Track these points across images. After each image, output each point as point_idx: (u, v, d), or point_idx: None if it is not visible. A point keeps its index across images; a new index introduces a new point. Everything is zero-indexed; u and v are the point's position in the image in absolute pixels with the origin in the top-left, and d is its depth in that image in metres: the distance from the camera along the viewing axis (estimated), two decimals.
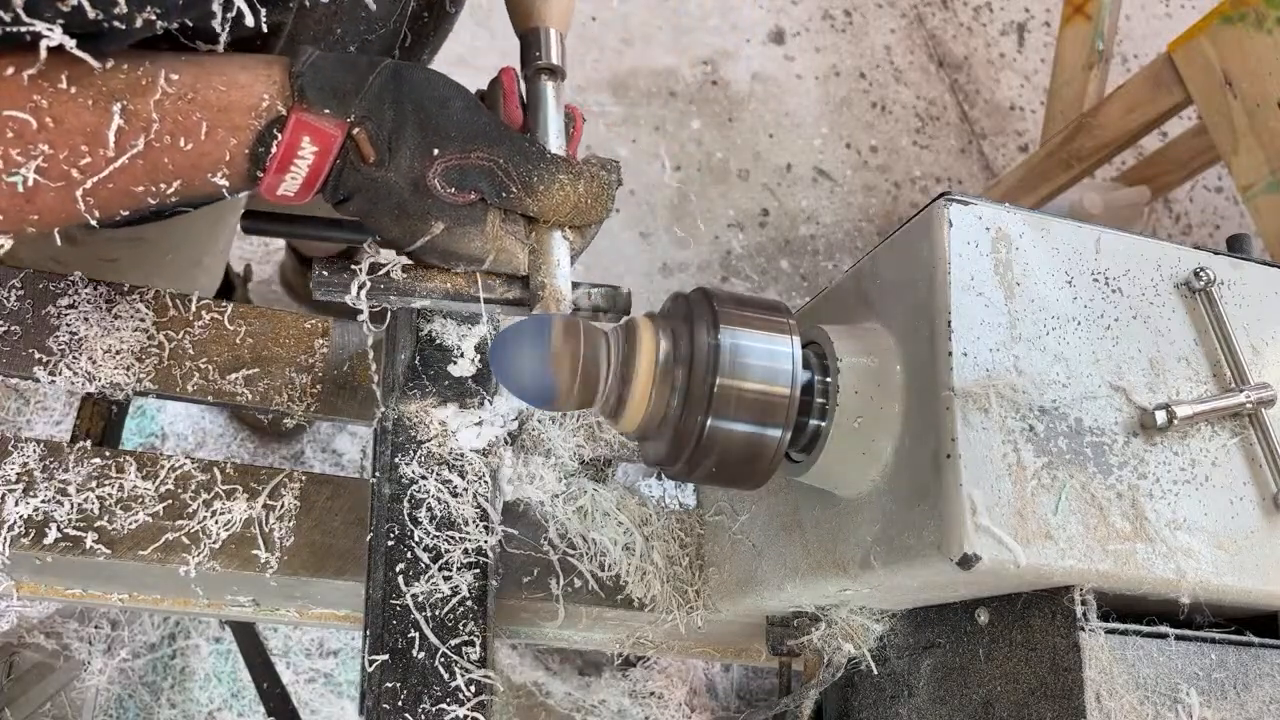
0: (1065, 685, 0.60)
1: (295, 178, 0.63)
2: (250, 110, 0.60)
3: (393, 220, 0.66)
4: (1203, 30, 1.73)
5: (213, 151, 0.60)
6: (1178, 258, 0.71)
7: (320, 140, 0.61)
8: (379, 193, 0.64)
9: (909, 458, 0.63)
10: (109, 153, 0.57)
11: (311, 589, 0.88)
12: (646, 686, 1.29)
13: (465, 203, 0.65)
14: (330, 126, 0.61)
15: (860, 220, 2.48)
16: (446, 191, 0.64)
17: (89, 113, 0.56)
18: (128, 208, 0.62)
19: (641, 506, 0.92)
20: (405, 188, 0.64)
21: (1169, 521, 0.63)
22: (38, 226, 0.60)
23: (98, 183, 0.58)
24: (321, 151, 0.62)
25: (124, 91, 0.57)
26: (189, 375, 0.90)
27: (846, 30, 2.73)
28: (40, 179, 0.56)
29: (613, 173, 0.70)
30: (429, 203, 0.65)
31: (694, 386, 0.60)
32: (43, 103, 0.55)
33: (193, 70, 0.60)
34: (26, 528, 0.80)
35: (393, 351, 0.88)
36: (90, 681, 1.54)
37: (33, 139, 0.55)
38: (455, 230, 0.67)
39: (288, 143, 0.61)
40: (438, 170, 0.63)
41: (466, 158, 0.64)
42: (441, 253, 0.68)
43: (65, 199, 0.58)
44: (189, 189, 0.62)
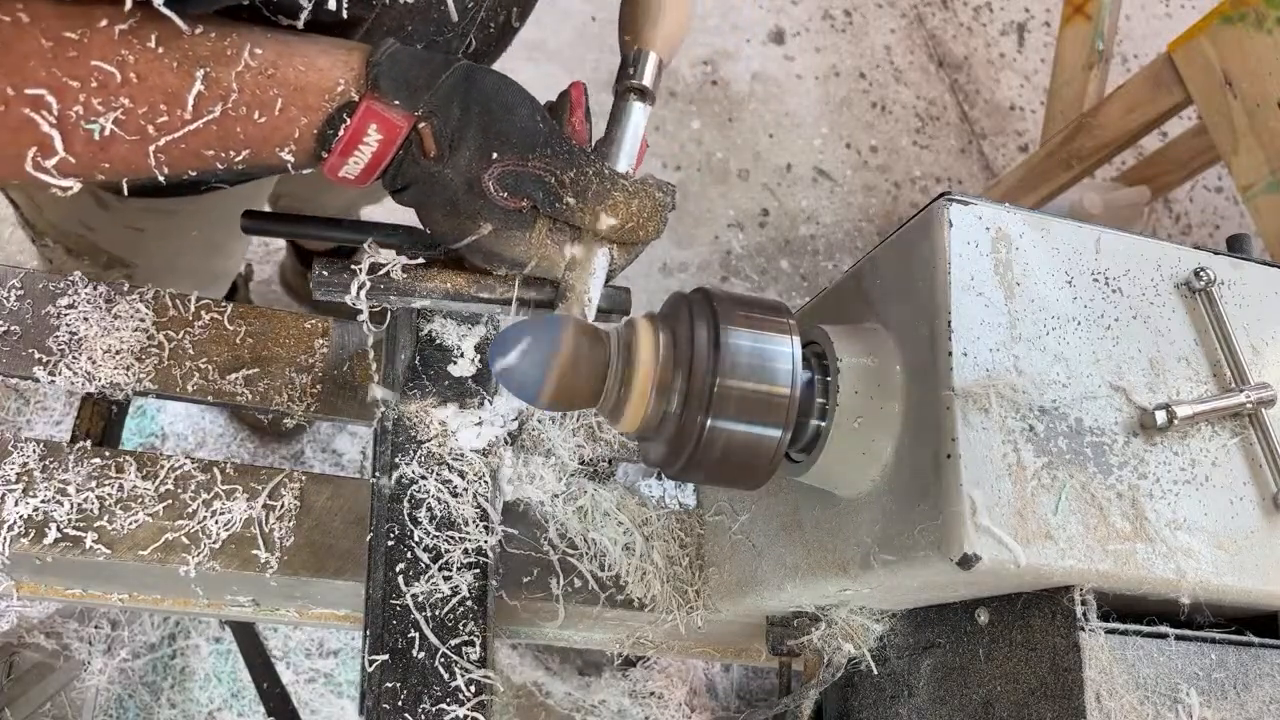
0: (1065, 685, 0.60)
1: (358, 162, 0.64)
2: (325, 93, 0.62)
3: (443, 215, 0.67)
4: (1203, 30, 1.73)
5: (283, 128, 0.62)
6: (1178, 258, 0.71)
7: (386, 129, 0.63)
8: (434, 187, 0.66)
9: (909, 458, 0.63)
10: (185, 115, 0.60)
11: (311, 589, 0.88)
12: (646, 686, 1.29)
13: (516, 208, 0.66)
14: (398, 117, 0.63)
15: (860, 220, 2.48)
16: (499, 195, 0.65)
17: (172, 74, 0.59)
18: (196, 169, 0.64)
19: (641, 506, 0.92)
20: (460, 186, 0.65)
21: (1169, 521, 0.63)
22: (107, 175, 0.62)
23: (170, 141, 0.60)
24: (386, 140, 0.63)
25: (209, 59, 0.59)
26: (189, 375, 0.90)
27: (846, 30, 2.73)
28: (117, 130, 0.59)
29: (668, 195, 0.70)
30: (480, 204, 0.66)
31: (694, 386, 0.60)
32: (129, 58, 0.57)
33: (276, 47, 0.62)
34: (26, 528, 0.80)
35: (393, 351, 0.88)
36: (90, 681, 1.54)
37: (115, 91, 0.57)
38: (502, 233, 0.67)
39: (355, 128, 0.63)
40: (494, 174, 0.65)
41: (524, 165, 0.65)
42: (485, 253, 0.69)
43: (138, 153, 0.60)
44: (256, 159, 0.64)
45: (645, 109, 0.73)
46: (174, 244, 1.09)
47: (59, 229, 1.07)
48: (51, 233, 1.08)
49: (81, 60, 0.56)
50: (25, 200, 1.06)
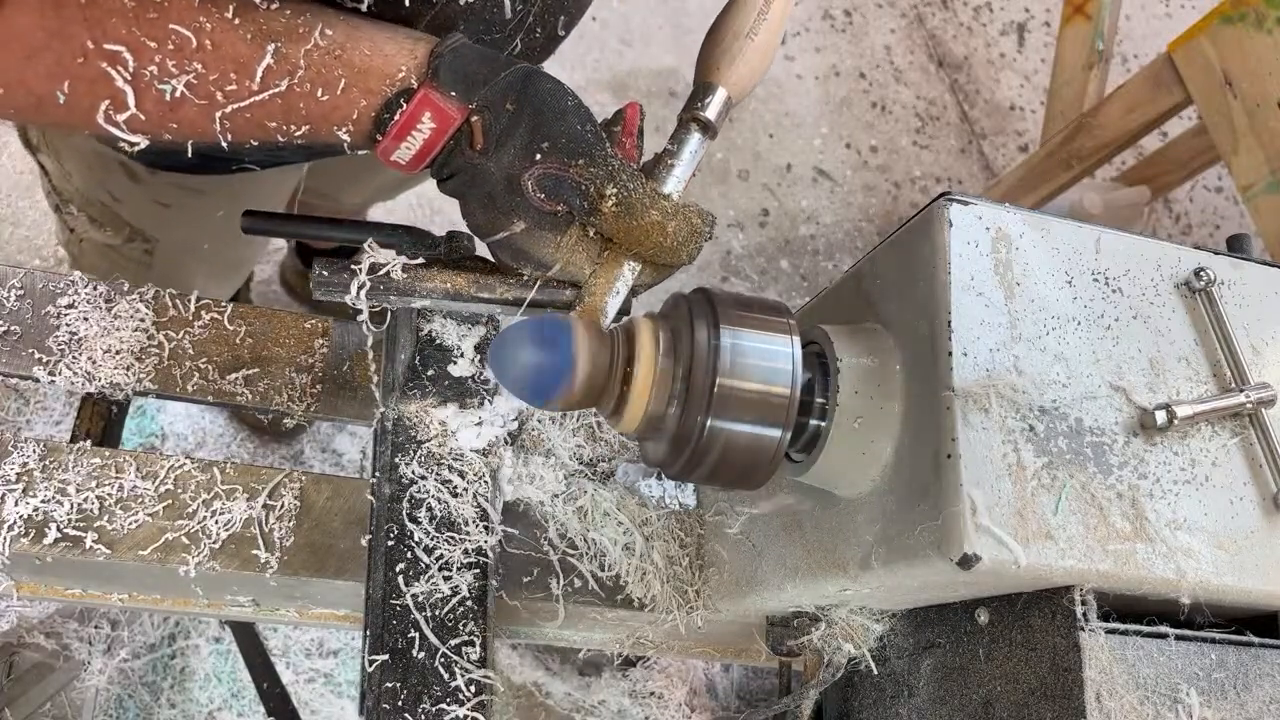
0: (1065, 685, 0.60)
1: (410, 148, 0.66)
2: (387, 78, 0.64)
3: (480, 207, 0.68)
4: (1203, 30, 1.73)
5: (344, 107, 0.64)
6: (1178, 258, 0.71)
7: (440, 119, 0.65)
8: (476, 178, 0.67)
9: (909, 458, 0.63)
10: (253, 85, 0.62)
11: (311, 589, 0.88)
12: (646, 686, 1.29)
13: (551, 210, 0.67)
14: (452, 108, 0.64)
15: (860, 220, 2.48)
16: (536, 195, 0.66)
17: (245, 45, 0.61)
18: (257, 139, 0.65)
19: (641, 506, 0.92)
20: (500, 181, 0.66)
21: (1169, 521, 0.63)
22: (174, 135, 0.64)
23: (236, 110, 0.63)
24: (438, 130, 0.65)
25: (281, 34, 0.62)
26: (189, 375, 0.90)
27: (846, 30, 2.73)
28: (187, 93, 0.61)
29: (706, 223, 0.71)
30: (517, 201, 0.67)
31: (694, 386, 0.60)
32: (206, 25, 0.60)
33: (346, 30, 0.64)
34: (26, 527, 0.80)
35: (393, 351, 0.88)
36: (90, 681, 1.54)
37: (189, 56, 0.60)
38: (534, 233, 0.68)
39: (410, 114, 0.64)
40: (534, 174, 0.65)
41: (565, 170, 0.66)
42: (514, 250, 0.70)
43: (204, 117, 0.63)
44: (315, 135, 0.66)
45: (704, 141, 0.74)
46: (197, 223, 1.11)
47: (85, 196, 1.09)
48: (77, 199, 1.10)
49: (161, 22, 0.59)
50: (55, 166, 1.09)
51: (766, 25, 0.73)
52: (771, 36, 0.74)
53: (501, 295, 0.73)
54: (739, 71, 0.73)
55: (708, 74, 0.74)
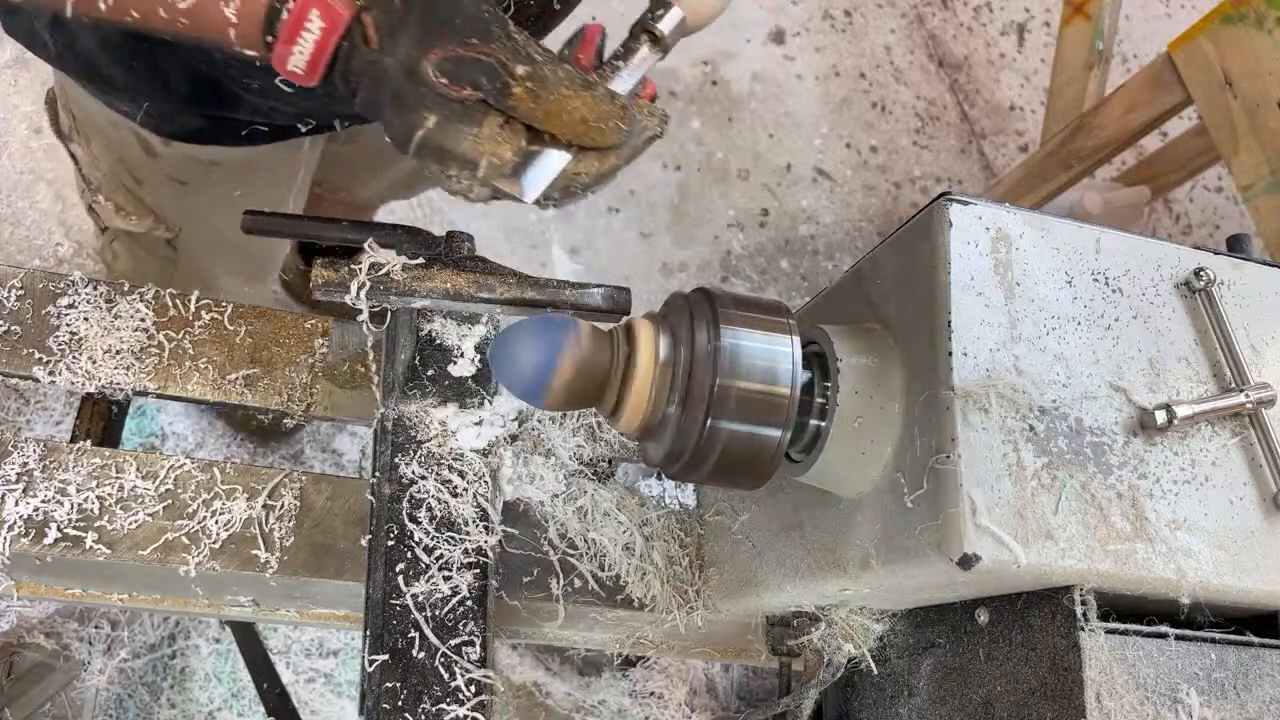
0: (1065, 685, 0.60)
1: (302, 51, 0.64)
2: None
3: (392, 111, 0.66)
4: (1203, 30, 1.73)
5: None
6: (1178, 258, 0.71)
7: (328, 17, 0.63)
8: (379, 79, 0.65)
9: (909, 458, 0.63)
10: None
11: (311, 589, 0.88)
12: (646, 686, 1.29)
13: (459, 97, 0.64)
14: (340, 5, 0.63)
15: (860, 220, 2.48)
16: (440, 82, 0.64)
17: None
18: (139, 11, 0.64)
19: (641, 506, 0.92)
20: (401, 75, 0.64)
21: (1169, 521, 0.63)
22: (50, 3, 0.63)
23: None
24: (328, 29, 0.64)
25: None
26: (189, 375, 0.90)
27: (846, 30, 2.73)
28: None
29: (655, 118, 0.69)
30: (422, 92, 0.64)
31: (694, 386, 0.60)
32: None
33: None
34: (26, 527, 0.80)
35: (393, 351, 0.88)
36: (90, 681, 1.54)
37: None
38: (447, 126, 0.65)
39: (297, 12, 0.63)
40: (433, 59, 0.63)
41: (464, 49, 0.63)
42: (435, 150, 0.66)
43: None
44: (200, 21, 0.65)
45: (654, 54, 0.72)
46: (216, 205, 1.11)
47: (111, 180, 1.11)
48: (105, 186, 1.11)
49: None
50: (84, 152, 1.10)
51: None
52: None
53: (501, 295, 0.73)
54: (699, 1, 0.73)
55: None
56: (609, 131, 0.65)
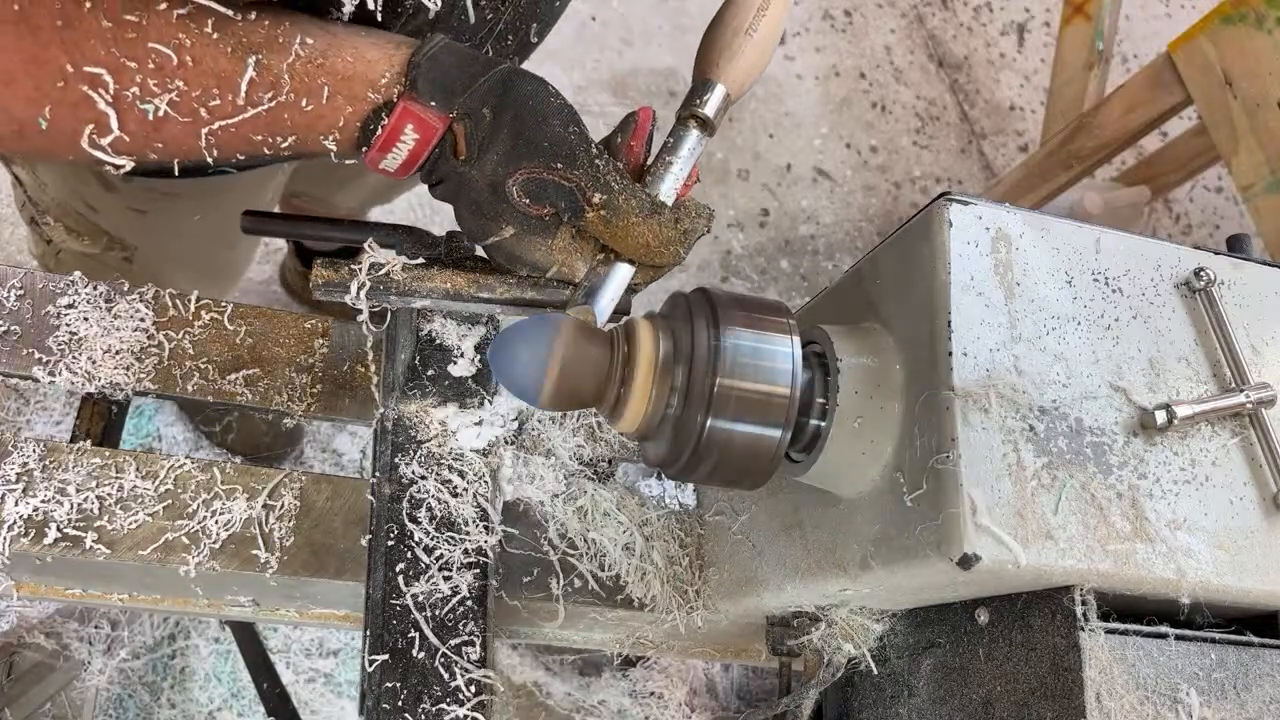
0: (1065, 685, 0.60)
1: (395, 158, 0.66)
2: (370, 85, 0.64)
3: (469, 213, 0.68)
4: (1203, 30, 1.73)
5: (329, 116, 0.64)
6: (1178, 258, 0.71)
7: (422, 130, 0.64)
8: (462, 186, 0.67)
9: (909, 458, 0.63)
10: (238, 100, 0.61)
11: (311, 589, 0.88)
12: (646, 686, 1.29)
13: (538, 215, 0.67)
14: (433, 118, 0.64)
15: (860, 220, 2.48)
16: (521, 200, 0.66)
17: (226, 59, 0.60)
18: (244, 153, 0.65)
19: (641, 506, 0.92)
20: (485, 188, 0.66)
21: (1169, 521, 0.63)
22: (160, 155, 0.64)
23: (223, 126, 0.62)
24: (422, 140, 0.65)
25: (261, 46, 0.61)
26: (189, 375, 0.90)
27: (846, 30, 2.73)
28: (170, 112, 0.60)
29: (703, 221, 0.70)
30: (503, 207, 0.66)
31: (694, 386, 0.60)
32: (186, 41, 0.59)
33: (325, 37, 0.63)
34: (26, 527, 0.80)
35: (393, 351, 0.88)
36: (90, 681, 1.54)
37: (171, 74, 0.59)
38: (524, 237, 0.68)
39: (393, 126, 0.64)
40: (518, 179, 0.65)
41: (548, 173, 0.65)
42: (507, 255, 0.70)
43: (189, 135, 0.62)
44: (301, 146, 0.66)
45: (702, 139, 0.73)
46: (175, 228, 1.10)
47: (61, 206, 1.08)
48: (54, 210, 1.09)
49: (139, 42, 0.58)
50: (30, 177, 1.08)
51: (766, 21, 0.72)
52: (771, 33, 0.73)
53: (501, 295, 0.73)
54: (738, 68, 0.73)
55: (707, 70, 0.74)
56: (669, 255, 0.69)
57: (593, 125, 2.39)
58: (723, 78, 0.73)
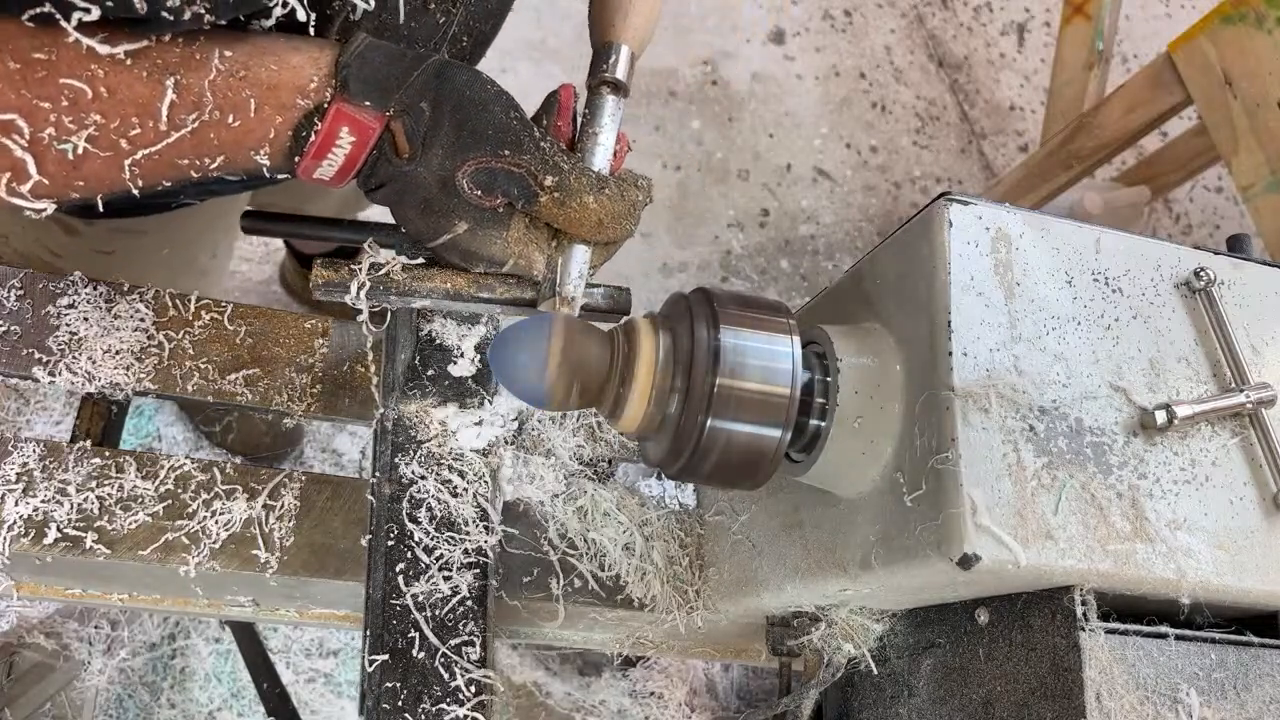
0: (1065, 685, 0.60)
1: (331, 164, 0.64)
2: (298, 90, 0.61)
3: (418, 214, 0.66)
4: (1203, 30, 1.73)
5: (258, 129, 0.62)
6: (1178, 258, 0.71)
7: (358, 131, 0.62)
8: (408, 186, 0.65)
9: (909, 458, 0.63)
10: (160, 125, 0.59)
11: (311, 589, 0.88)
12: (646, 686, 1.29)
13: (491, 206, 0.66)
14: (369, 118, 0.62)
15: (860, 220, 2.48)
16: (473, 193, 0.65)
17: (143, 85, 0.57)
18: (171, 179, 0.63)
19: (641, 506, 0.92)
20: (433, 185, 0.65)
21: (1169, 521, 0.63)
22: (82, 194, 0.61)
23: (145, 154, 0.59)
24: (359, 142, 0.63)
25: (178, 66, 0.58)
26: (189, 375, 0.90)
27: (846, 30, 2.73)
28: (90, 148, 0.58)
29: (643, 192, 0.70)
30: (455, 202, 0.65)
31: (694, 386, 0.60)
32: (99, 72, 0.56)
33: (246, 47, 0.61)
34: (26, 528, 0.80)
35: (393, 351, 0.88)
36: (90, 681, 1.54)
37: (86, 108, 0.56)
38: (478, 232, 0.67)
39: (327, 131, 0.62)
40: (467, 171, 0.64)
41: (497, 162, 0.64)
42: (462, 252, 0.69)
43: (112, 168, 0.59)
44: (231, 164, 0.63)
45: (619, 103, 0.73)
46: (143, 264, 1.07)
47: (25, 256, 1.05)
48: (17, 261, 1.05)
49: (50, 80, 0.55)
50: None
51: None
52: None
53: (501, 295, 0.73)
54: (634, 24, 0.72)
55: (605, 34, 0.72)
56: (620, 230, 0.69)
57: None
58: (622, 37, 0.72)
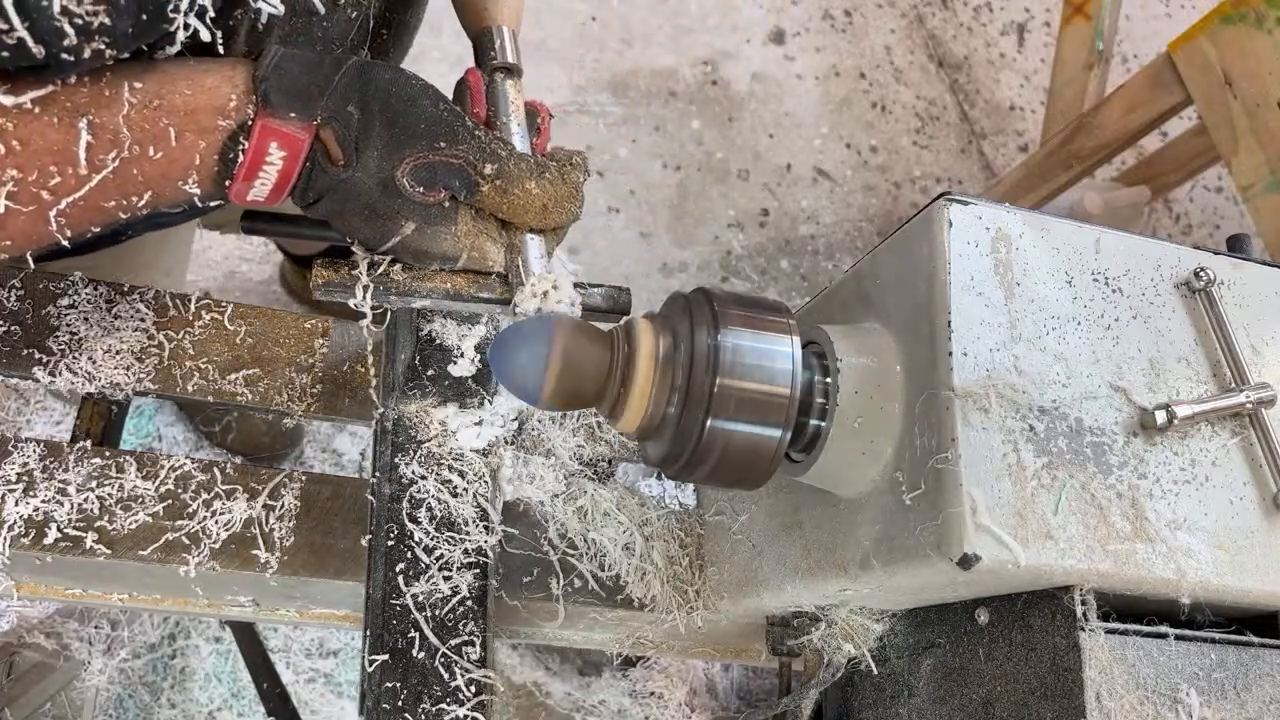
0: (1065, 685, 0.60)
1: (264, 183, 0.62)
2: (217, 111, 0.59)
3: (362, 221, 0.65)
4: (1203, 30, 1.73)
5: (181, 157, 0.59)
6: (1178, 258, 0.71)
7: (288, 145, 0.60)
8: (348, 194, 0.63)
9: (909, 458, 0.63)
10: (80, 170, 0.56)
11: (311, 589, 0.88)
12: (646, 686, 1.29)
13: (435, 202, 0.65)
14: (296, 130, 0.60)
15: (860, 220, 2.48)
16: (415, 190, 0.64)
17: (55, 130, 0.55)
18: (99, 224, 0.60)
19: (641, 506, 0.92)
20: (374, 188, 0.63)
21: (1169, 521, 0.63)
22: (9, 253, 0.58)
23: (70, 203, 0.57)
24: (290, 156, 0.61)
25: (88, 106, 0.56)
26: (189, 375, 0.90)
27: (846, 30, 2.73)
28: (11, 204, 0.55)
29: (579, 170, 0.69)
30: (399, 202, 0.64)
31: (694, 386, 0.60)
32: (8, 125, 0.54)
33: (156, 76, 0.58)
34: (26, 528, 0.80)
35: (393, 351, 0.88)
36: (90, 681, 1.54)
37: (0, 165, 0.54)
38: (426, 230, 0.66)
39: (255, 149, 0.60)
40: (406, 169, 0.63)
41: (434, 155, 0.63)
42: (414, 252, 0.68)
43: (37, 221, 0.57)
44: (159, 199, 0.61)
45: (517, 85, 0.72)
46: None
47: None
48: None
49: None
50: None
51: None
52: None
53: (502, 295, 0.73)
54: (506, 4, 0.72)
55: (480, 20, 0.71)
56: (566, 214, 0.68)
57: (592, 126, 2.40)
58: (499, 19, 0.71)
